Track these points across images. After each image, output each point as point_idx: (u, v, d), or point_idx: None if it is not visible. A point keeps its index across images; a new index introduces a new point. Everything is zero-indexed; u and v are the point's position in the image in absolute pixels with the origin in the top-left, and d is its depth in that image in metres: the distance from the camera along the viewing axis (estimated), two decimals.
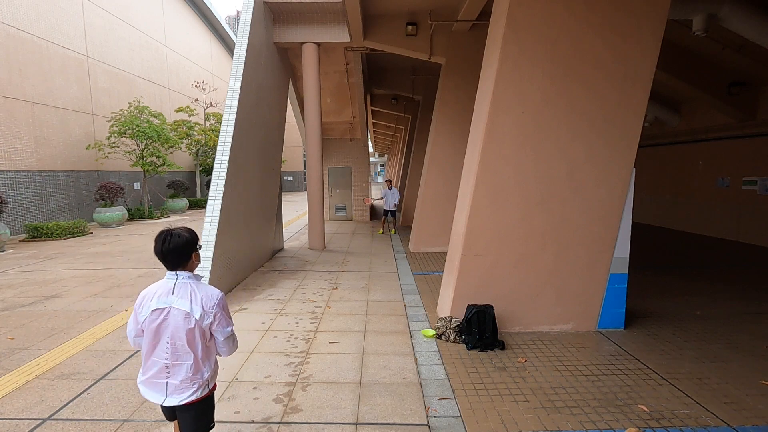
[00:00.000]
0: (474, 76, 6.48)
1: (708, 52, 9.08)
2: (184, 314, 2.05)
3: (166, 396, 2.11)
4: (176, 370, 2.09)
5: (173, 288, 2.08)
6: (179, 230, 2.11)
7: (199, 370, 2.12)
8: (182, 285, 2.09)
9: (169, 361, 2.08)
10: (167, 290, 2.09)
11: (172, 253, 2.07)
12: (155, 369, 2.10)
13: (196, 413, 2.19)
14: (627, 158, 4.56)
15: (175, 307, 2.05)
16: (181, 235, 2.08)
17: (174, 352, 2.07)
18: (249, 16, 7.65)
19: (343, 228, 13.73)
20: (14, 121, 12.30)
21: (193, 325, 2.06)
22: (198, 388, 2.13)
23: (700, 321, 5.10)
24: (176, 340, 2.07)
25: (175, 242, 2.06)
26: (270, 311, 5.54)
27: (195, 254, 2.15)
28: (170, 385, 2.10)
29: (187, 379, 2.10)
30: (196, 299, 2.07)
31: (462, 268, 4.78)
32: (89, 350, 4.35)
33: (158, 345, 2.09)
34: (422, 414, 3.18)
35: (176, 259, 2.09)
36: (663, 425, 3.04)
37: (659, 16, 4.32)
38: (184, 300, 2.06)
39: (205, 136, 20.82)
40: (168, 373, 2.09)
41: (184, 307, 2.05)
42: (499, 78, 4.40)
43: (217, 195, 6.37)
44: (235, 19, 48.50)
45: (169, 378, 2.10)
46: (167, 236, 2.07)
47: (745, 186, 10.29)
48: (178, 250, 2.07)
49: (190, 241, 2.11)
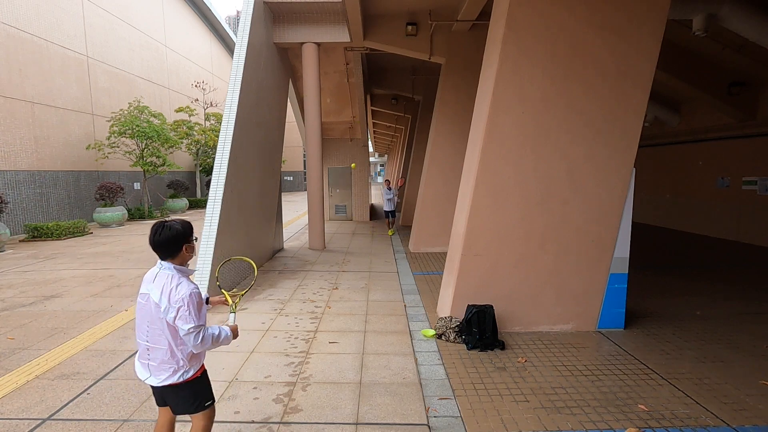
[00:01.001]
0: (474, 76, 6.48)
1: (708, 52, 9.08)
2: (154, 303, 2.13)
3: (150, 375, 2.23)
4: (154, 353, 2.19)
5: (155, 276, 2.18)
6: (172, 222, 2.20)
7: (174, 357, 2.18)
8: (162, 275, 2.17)
9: (149, 344, 2.19)
10: (152, 277, 2.19)
11: (161, 244, 2.16)
12: (140, 349, 2.25)
13: (180, 396, 2.26)
14: (627, 158, 4.56)
15: (151, 295, 2.15)
16: (172, 228, 2.17)
17: (150, 335, 2.18)
18: (249, 16, 7.65)
19: (343, 228, 13.73)
20: (14, 121, 12.30)
21: (161, 315, 2.12)
22: (175, 373, 2.20)
23: (700, 321, 5.10)
24: (151, 325, 2.17)
25: (165, 234, 2.15)
26: (270, 311, 5.54)
27: (187, 246, 2.21)
28: (151, 366, 2.21)
29: (163, 362, 2.18)
30: (165, 291, 2.12)
31: (462, 268, 4.78)
32: (89, 350, 4.35)
33: (140, 327, 2.21)
34: (422, 414, 3.18)
35: (165, 249, 2.18)
36: (663, 425, 3.04)
37: (659, 16, 4.32)
38: (157, 290, 2.13)
39: (205, 136, 20.82)
40: (148, 355, 2.21)
41: (155, 297, 2.13)
42: (499, 78, 4.40)
43: (217, 195, 6.37)
44: (235, 19, 48.49)
45: (149, 360, 2.21)
46: (159, 227, 2.16)
47: (745, 186, 10.29)
48: (168, 241, 2.16)
49: (181, 234, 2.18)
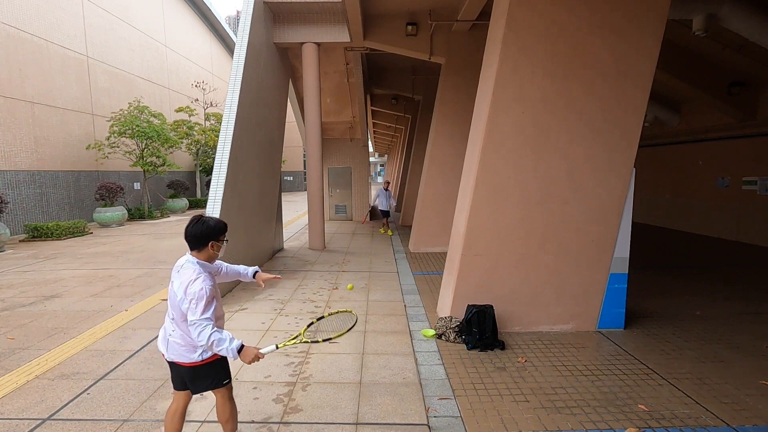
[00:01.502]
0: (474, 76, 6.48)
1: (708, 52, 9.08)
2: (173, 292, 2.32)
3: (167, 352, 2.40)
4: (175, 334, 2.37)
5: (180, 266, 2.35)
6: (207, 218, 2.35)
7: (190, 340, 2.35)
8: (186, 267, 2.33)
9: (173, 325, 2.37)
10: (178, 266, 2.37)
11: (189, 237, 2.33)
12: (165, 326, 2.43)
13: (200, 375, 2.43)
14: (627, 158, 4.56)
15: (173, 282, 2.34)
16: (205, 223, 2.33)
17: (174, 318, 2.36)
18: (249, 16, 7.65)
19: (343, 228, 13.73)
20: (14, 121, 12.30)
21: (177, 303, 2.29)
22: (194, 351, 2.36)
23: (700, 321, 5.10)
24: (174, 309, 2.35)
25: (197, 227, 2.31)
26: (270, 311, 5.54)
27: (212, 244, 2.36)
28: (170, 343, 2.39)
29: (183, 345, 2.36)
30: (184, 283, 2.26)
31: (462, 268, 4.78)
32: (89, 350, 4.35)
33: (169, 308, 2.41)
34: (422, 414, 3.18)
35: (192, 242, 2.34)
36: (663, 425, 3.04)
37: (659, 16, 4.32)
38: (178, 281, 2.29)
39: (205, 136, 20.81)
40: (171, 333, 2.39)
41: (175, 287, 2.31)
42: (499, 78, 4.40)
43: (217, 195, 6.37)
44: (235, 19, 48.49)
45: (170, 337, 2.39)
46: (195, 220, 2.33)
47: (745, 186, 10.29)
48: (197, 234, 2.32)
49: (211, 230, 2.32)
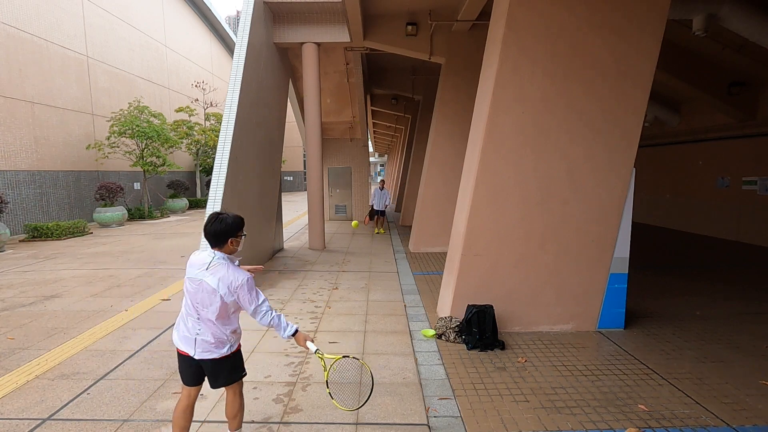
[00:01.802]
0: (474, 76, 6.48)
1: (708, 52, 9.08)
2: (211, 289, 2.35)
3: (195, 351, 2.43)
4: (205, 332, 2.42)
5: (208, 264, 2.39)
6: (225, 215, 2.41)
7: (224, 334, 2.45)
8: (216, 264, 2.39)
9: (200, 324, 2.42)
10: (203, 264, 2.39)
11: (210, 235, 2.39)
12: (188, 325, 2.44)
13: (225, 368, 2.50)
14: (627, 158, 4.56)
15: (205, 281, 2.36)
16: (224, 221, 2.38)
17: (203, 317, 2.41)
18: (249, 16, 7.65)
19: (343, 228, 13.73)
20: (14, 121, 12.30)
21: (218, 299, 2.35)
22: (223, 346, 2.46)
23: (700, 321, 5.10)
24: (203, 308, 2.39)
25: (216, 225, 2.37)
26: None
27: (232, 240, 2.42)
28: (198, 341, 2.42)
29: (214, 342, 2.43)
30: (225, 279, 2.35)
31: (462, 268, 4.78)
32: (89, 350, 4.35)
33: (191, 308, 2.42)
34: (422, 414, 3.18)
35: (213, 240, 2.40)
36: (663, 425, 3.04)
37: (659, 16, 4.32)
38: (215, 278, 2.35)
39: (205, 136, 20.81)
40: (198, 332, 2.42)
41: (212, 283, 2.35)
42: (499, 78, 4.40)
43: (217, 195, 6.37)
44: (235, 19, 48.48)
45: (198, 335, 2.43)
46: (215, 220, 2.38)
47: (745, 186, 10.29)
48: (217, 232, 2.37)
49: (230, 228, 2.39)
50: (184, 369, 2.53)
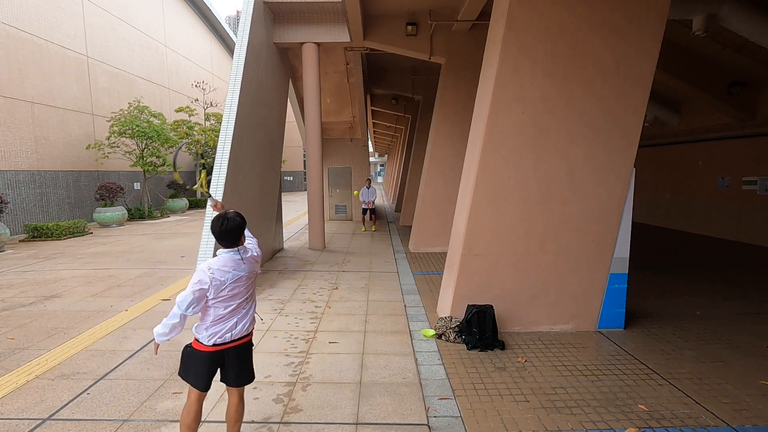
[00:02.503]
0: (474, 76, 6.48)
1: (708, 52, 9.08)
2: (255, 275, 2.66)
3: (237, 330, 2.57)
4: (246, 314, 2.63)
5: (242, 259, 2.57)
6: (232, 215, 2.55)
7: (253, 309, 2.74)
8: (245, 256, 2.59)
9: (246, 310, 2.63)
10: (238, 263, 2.54)
11: (229, 232, 2.52)
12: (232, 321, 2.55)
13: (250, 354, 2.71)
14: (627, 158, 4.56)
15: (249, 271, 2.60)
16: (234, 220, 2.53)
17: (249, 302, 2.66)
18: (249, 16, 7.65)
19: (343, 228, 13.73)
20: (14, 121, 12.30)
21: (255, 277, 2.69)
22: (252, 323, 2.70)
23: (700, 321, 5.10)
24: (250, 292, 2.65)
25: (230, 225, 2.51)
26: (270, 311, 5.54)
27: (243, 236, 2.64)
28: (239, 324, 2.58)
29: (250, 318, 2.67)
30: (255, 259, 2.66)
31: (462, 268, 4.78)
32: (89, 350, 4.35)
33: (238, 303, 2.56)
34: (422, 414, 3.18)
35: (233, 237, 2.53)
36: (663, 425, 3.04)
37: (659, 16, 4.32)
38: (252, 264, 2.63)
39: (205, 136, 20.80)
40: (241, 314, 2.60)
41: (255, 269, 2.65)
42: (499, 78, 4.40)
43: (217, 195, 6.38)
44: (235, 19, 48.48)
45: (240, 319, 2.59)
46: (224, 220, 2.51)
47: (745, 186, 10.29)
48: (233, 231, 2.52)
49: (242, 225, 2.57)
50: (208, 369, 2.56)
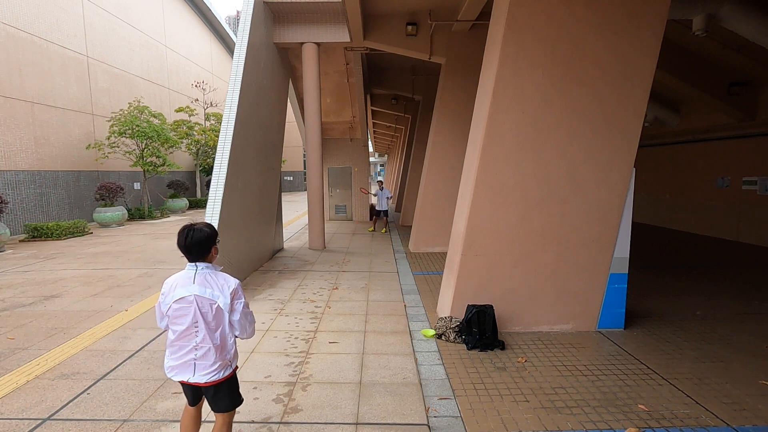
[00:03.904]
0: (474, 76, 6.48)
1: (708, 52, 9.08)
2: (208, 302, 2.23)
3: (194, 374, 2.28)
4: (204, 351, 2.26)
5: (194, 278, 2.25)
6: (200, 225, 2.29)
7: (224, 351, 2.31)
8: (201, 275, 2.26)
9: (198, 344, 2.25)
10: (188, 280, 2.25)
11: (194, 247, 2.25)
12: (183, 351, 2.27)
13: (225, 392, 2.37)
14: (627, 158, 4.56)
15: (197, 295, 2.22)
16: (202, 230, 2.26)
17: (201, 335, 2.25)
18: (249, 16, 7.65)
19: (343, 228, 13.73)
20: (14, 121, 12.30)
21: (214, 311, 2.24)
22: (221, 368, 2.31)
23: (700, 321, 5.10)
24: (202, 325, 2.24)
25: (197, 237, 2.24)
26: (270, 311, 5.54)
27: (214, 248, 2.33)
28: (198, 365, 2.27)
29: (212, 360, 2.27)
30: (221, 288, 2.25)
31: (462, 268, 4.78)
32: (89, 350, 4.35)
33: (184, 330, 2.25)
34: (422, 414, 3.18)
35: (198, 251, 2.26)
36: (663, 425, 3.04)
37: (659, 17, 4.32)
38: (206, 288, 2.23)
39: (205, 136, 20.81)
40: (195, 354, 2.27)
41: (206, 295, 2.23)
42: (499, 78, 4.40)
43: (217, 195, 6.37)
44: (235, 19, 48.48)
45: (197, 359, 2.27)
46: (190, 231, 2.25)
47: (745, 186, 10.29)
48: (200, 243, 2.25)
49: (211, 236, 2.29)
50: (186, 391, 2.44)
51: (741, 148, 10.39)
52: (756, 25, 6.29)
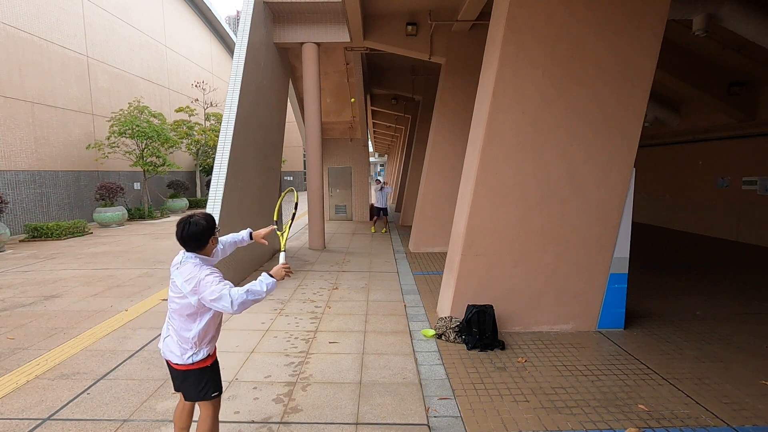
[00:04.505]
0: (474, 76, 6.48)
1: (708, 52, 9.08)
2: (177, 288, 2.28)
3: (162, 349, 2.40)
4: (172, 331, 2.36)
5: (179, 264, 2.33)
6: (197, 218, 2.33)
7: (186, 337, 2.32)
8: (187, 264, 2.30)
9: (170, 323, 2.37)
10: (175, 264, 2.34)
11: (189, 238, 2.30)
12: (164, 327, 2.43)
13: (189, 381, 2.39)
14: (627, 158, 4.56)
15: (175, 281, 2.29)
16: (198, 223, 2.30)
17: (171, 315, 2.35)
18: (249, 16, 7.65)
19: (343, 228, 13.73)
20: (14, 121, 12.30)
21: (182, 298, 2.27)
22: (183, 354, 2.33)
23: (700, 321, 5.10)
24: (172, 306, 2.33)
25: (192, 229, 2.29)
26: (270, 311, 5.54)
27: (212, 238, 2.37)
28: (167, 342, 2.38)
29: (178, 342, 2.34)
30: (192, 279, 2.24)
31: (462, 268, 4.78)
32: (89, 350, 4.35)
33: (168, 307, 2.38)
34: (422, 414, 3.18)
35: (193, 243, 2.32)
36: (663, 425, 3.04)
37: (659, 17, 4.32)
38: (182, 277, 2.26)
39: (205, 136, 20.80)
40: (167, 332, 2.39)
41: (178, 282, 2.27)
42: (499, 78, 4.40)
43: (217, 195, 6.37)
44: (235, 19, 48.47)
45: (167, 336, 2.39)
46: (186, 223, 2.30)
47: (745, 186, 10.29)
48: (196, 236, 2.30)
49: (207, 228, 2.32)
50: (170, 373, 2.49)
51: (741, 148, 10.39)
52: (756, 25, 6.29)
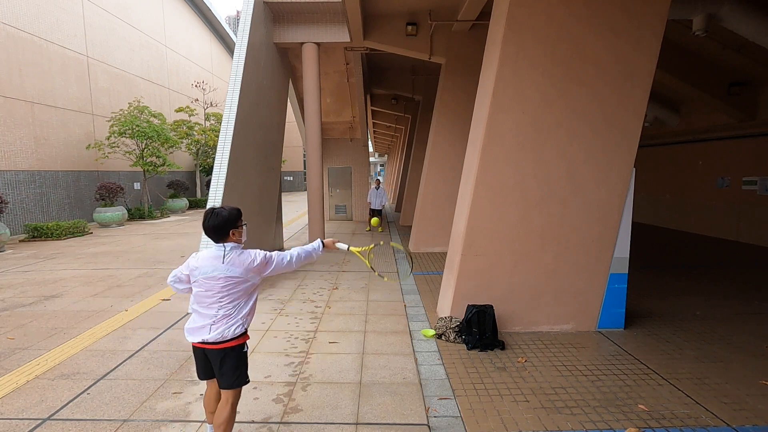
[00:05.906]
0: (474, 76, 6.47)
1: (708, 52, 9.08)
2: (234, 279, 2.41)
3: (210, 333, 2.44)
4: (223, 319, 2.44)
5: (223, 257, 2.42)
6: (220, 209, 2.43)
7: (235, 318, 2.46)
8: (231, 254, 2.43)
9: (219, 311, 2.43)
10: (214, 261, 2.41)
11: (212, 228, 2.41)
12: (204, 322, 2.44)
13: (231, 359, 2.49)
14: (627, 158, 4.56)
15: (228, 275, 2.40)
16: (219, 215, 2.41)
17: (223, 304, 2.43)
18: (249, 16, 7.65)
19: (343, 228, 13.72)
20: (14, 121, 12.30)
21: (243, 282, 2.44)
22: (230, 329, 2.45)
23: (700, 321, 5.10)
24: (225, 296, 2.42)
25: (213, 221, 2.41)
26: (270, 311, 5.54)
27: (234, 231, 2.46)
28: (213, 329, 2.43)
29: (224, 323, 2.44)
30: (245, 265, 2.43)
31: (462, 268, 4.78)
32: (89, 350, 4.35)
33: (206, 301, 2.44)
34: (422, 414, 3.18)
35: (216, 234, 2.42)
36: (663, 425, 3.04)
37: (659, 17, 4.32)
38: (239, 268, 2.41)
39: (205, 136, 20.81)
40: (213, 322, 2.44)
41: (235, 273, 2.41)
42: (499, 78, 4.40)
43: (217, 195, 6.37)
44: (235, 19, 48.47)
45: (213, 325, 2.44)
46: (210, 214, 2.42)
47: (745, 186, 10.29)
48: (215, 227, 2.40)
49: (226, 220, 2.41)
50: (198, 362, 2.57)
51: (741, 148, 10.39)
52: (756, 25, 6.29)
